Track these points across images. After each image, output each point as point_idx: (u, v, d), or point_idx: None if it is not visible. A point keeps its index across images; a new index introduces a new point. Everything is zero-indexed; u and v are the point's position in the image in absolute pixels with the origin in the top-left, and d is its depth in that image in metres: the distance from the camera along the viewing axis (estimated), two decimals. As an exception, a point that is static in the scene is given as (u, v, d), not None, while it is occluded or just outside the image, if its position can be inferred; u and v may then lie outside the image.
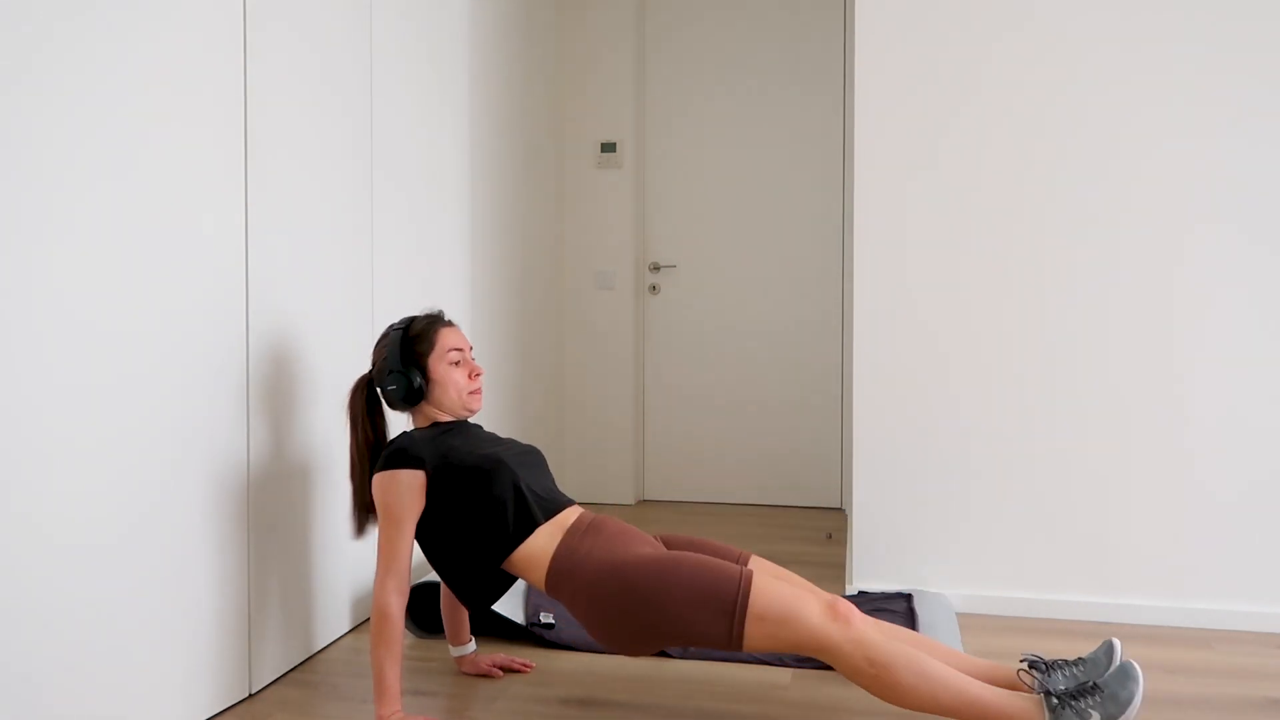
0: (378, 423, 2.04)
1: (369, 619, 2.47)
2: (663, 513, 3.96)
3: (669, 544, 1.95)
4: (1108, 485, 2.53)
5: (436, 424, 1.98)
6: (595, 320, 4.16)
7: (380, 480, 1.85)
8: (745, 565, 1.91)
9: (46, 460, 1.47)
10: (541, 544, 1.83)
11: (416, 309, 2.72)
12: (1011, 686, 1.74)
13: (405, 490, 1.83)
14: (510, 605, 2.36)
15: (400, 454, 1.86)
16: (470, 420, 2.03)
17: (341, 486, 2.34)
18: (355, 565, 2.42)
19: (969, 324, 2.60)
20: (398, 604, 1.79)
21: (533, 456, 1.97)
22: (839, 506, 4.08)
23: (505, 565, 1.85)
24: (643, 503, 4.19)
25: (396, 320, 2.15)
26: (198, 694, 1.82)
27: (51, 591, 1.49)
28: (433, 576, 2.43)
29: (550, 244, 4.02)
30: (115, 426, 1.60)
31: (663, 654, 2.24)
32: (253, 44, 1.96)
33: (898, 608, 2.46)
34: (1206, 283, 2.48)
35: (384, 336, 2.01)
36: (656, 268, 4.22)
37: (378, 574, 1.81)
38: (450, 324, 2.03)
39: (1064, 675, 1.70)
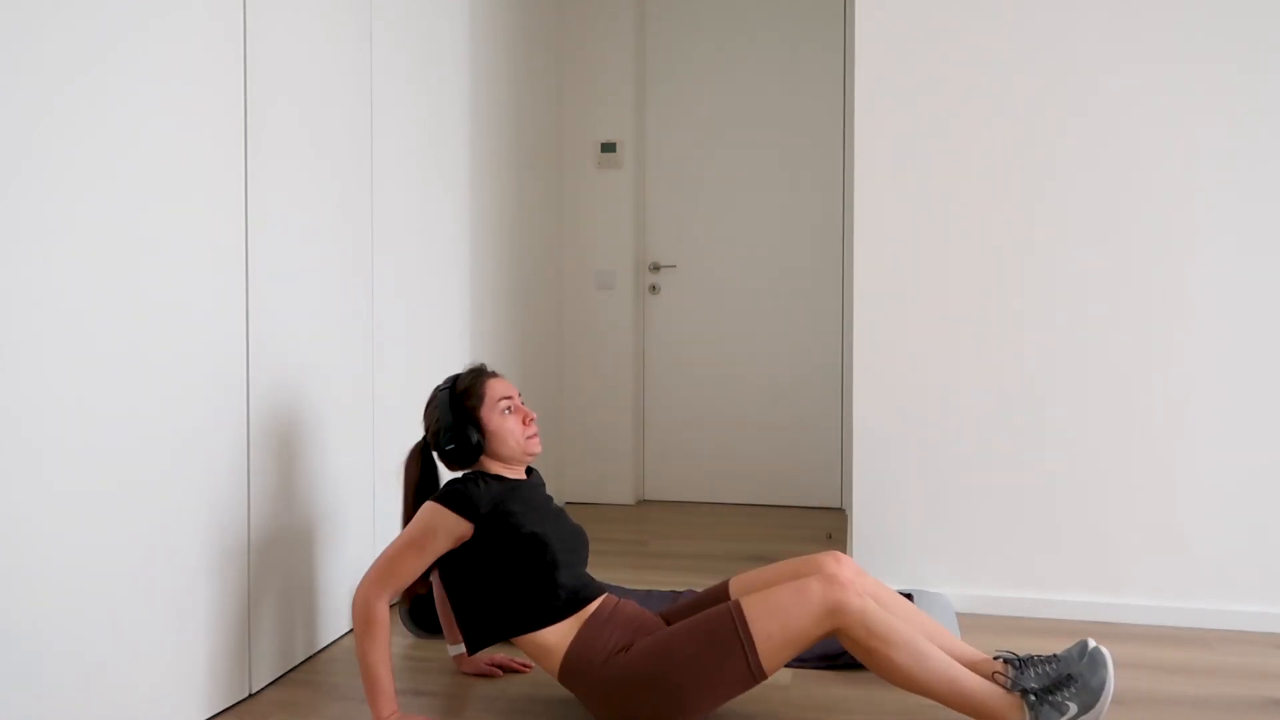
0: (435, 488, 2.03)
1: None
2: (663, 513, 3.96)
3: (666, 618, 1.95)
4: (1108, 485, 2.53)
5: (503, 478, 1.93)
6: (595, 320, 4.16)
7: (431, 509, 1.83)
8: (726, 591, 1.93)
9: (48, 462, 1.47)
10: (556, 638, 1.81)
11: (421, 309, 2.72)
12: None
13: (445, 532, 1.81)
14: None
15: (460, 497, 1.83)
16: (534, 475, 2.04)
17: (341, 485, 2.34)
18: (355, 565, 2.42)
19: (968, 324, 2.60)
20: (386, 610, 1.78)
21: (577, 540, 1.94)
22: (839, 506, 4.08)
23: (516, 642, 1.84)
24: (643, 503, 4.19)
25: (441, 381, 2.14)
26: (197, 694, 1.82)
27: (51, 592, 1.49)
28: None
29: (550, 244, 4.02)
30: (116, 427, 1.60)
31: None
32: (252, 49, 1.96)
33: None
34: (1205, 281, 2.48)
35: (432, 399, 1.99)
36: (656, 268, 4.22)
37: (373, 578, 1.79)
38: (495, 374, 2.01)
39: (1037, 672, 1.71)
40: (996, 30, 2.58)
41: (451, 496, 1.83)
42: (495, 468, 1.96)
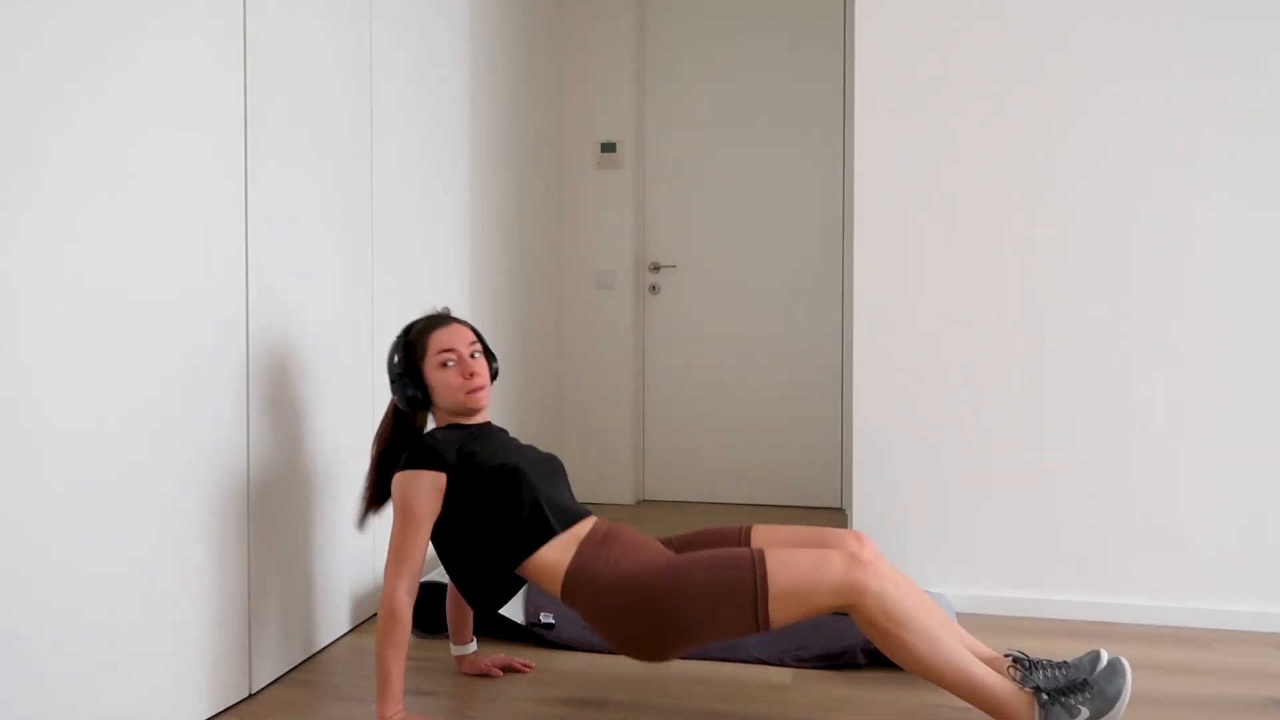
0: (405, 427, 2.06)
1: (371, 618, 2.48)
2: (663, 513, 3.96)
3: (676, 546, 1.95)
4: (1108, 485, 2.53)
5: (457, 426, 1.97)
6: (595, 320, 4.16)
7: (402, 479, 1.85)
8: (748, 539, 1.91)
9: (45, 457, 1.47)
10: (555, 555, 1.82)
11: (420, 309, 2.72)
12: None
13: (426, 491, 1.83)
14: (511, 606, 2.36)
15: (423, 453, 1.86)
16: (494, 424, 2.04)
17: (342, 485, 2.34)
18: (355, 564, 2.42)
19: (968, 324, 2.60)
20: (409, 605, 1.79)
21: (552, 465, 1.96)
22: (839, 506, 4.08)
23: (519, 571, 1.85)
24: (643, 503, 4.19)
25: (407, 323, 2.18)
26: (198, 694, 1.82)
27: (50, 591, 1.49)
28: (432, 577, 2.43)
29: (550, 244, 4.02)
30: (115, 424, 1.60)
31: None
32: (252, 49, 1.96)
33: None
34: (1204, 282, 2.48)
35: (391, 344, 2.03)
36: (656, 268, 4.22)
37: (389, 573, 1.80)
38: (446, 324, 1.99)
39: (1046, 675, 1.71)
40: (997, 31, 2.58)
41: (415, 458, 1.86)
42: (446, 420, 2.00)
